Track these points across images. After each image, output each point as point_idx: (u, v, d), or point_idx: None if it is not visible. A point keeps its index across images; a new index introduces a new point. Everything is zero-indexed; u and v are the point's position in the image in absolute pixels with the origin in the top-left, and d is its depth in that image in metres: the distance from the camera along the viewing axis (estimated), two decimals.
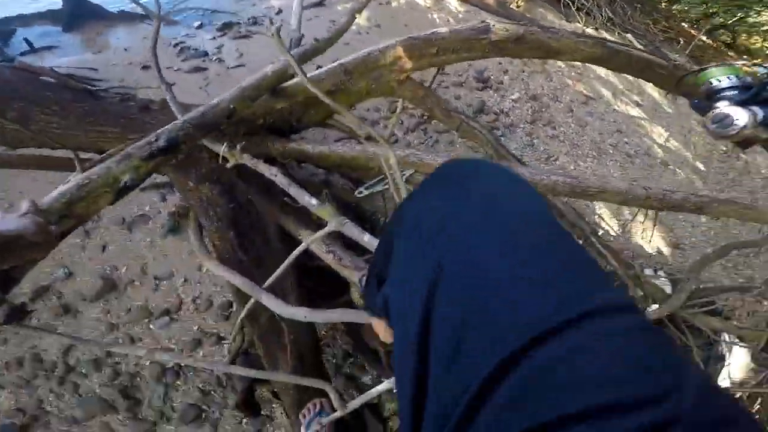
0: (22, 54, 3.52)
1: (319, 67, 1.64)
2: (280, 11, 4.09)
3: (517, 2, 5.50)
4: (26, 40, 3.58)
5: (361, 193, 1.84)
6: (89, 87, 2.95)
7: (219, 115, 1.47)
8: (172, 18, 4.01)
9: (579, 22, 6.10)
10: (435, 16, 4.48)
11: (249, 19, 3.90)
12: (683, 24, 8.55)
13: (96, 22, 3.97)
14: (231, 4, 4.25)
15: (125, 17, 4.02)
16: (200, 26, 3.90)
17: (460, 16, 4.64)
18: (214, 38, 3.70)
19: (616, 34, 6.41)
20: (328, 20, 4.00)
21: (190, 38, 3.71)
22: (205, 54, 3.47)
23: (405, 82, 1.61)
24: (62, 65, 3.12)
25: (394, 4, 4.50)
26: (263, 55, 3.45)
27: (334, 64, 1.57)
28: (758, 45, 7.80)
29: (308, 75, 1.61)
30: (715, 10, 8.26)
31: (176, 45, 3.59)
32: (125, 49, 3.60)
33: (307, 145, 1.72)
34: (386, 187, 1.66)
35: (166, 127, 1.28)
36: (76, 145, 1.60)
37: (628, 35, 6.28)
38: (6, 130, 1.52)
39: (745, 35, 8.21)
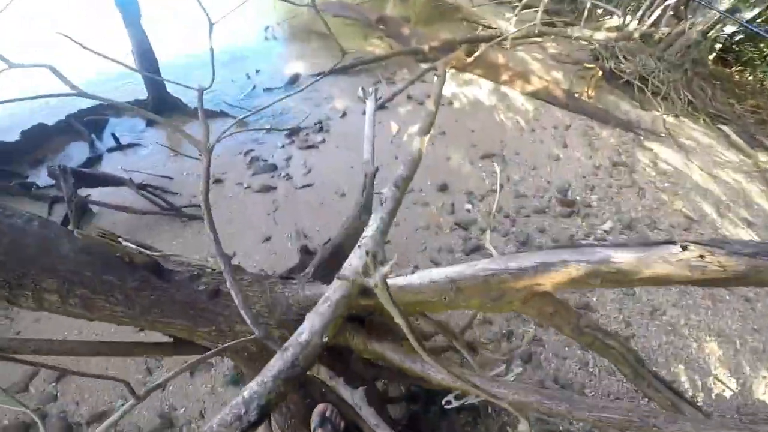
0: (110, 150, 3.66)
1: None
2: (344, 114, 4.09)
3: (587, 93, 5.27)
4: (114, 136, 3.72)
5: (449, 403, 1.54)
6: (164, 208, 2.96)
7: (311, 356, 1.21)
8: (244, 120, 4.12)
9: (657, 110, 5.71)
10: (502, 116, 4.30)
11: (315, 124, 3.92)
12: None
13: (177, 118, 4.12)
14: (297, 104, 4.32)
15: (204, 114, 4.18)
16: (269, 130, 3.95)
17: (530, 114, 4.43)
18: (283, 146, 3.68)
19: (701, 121, 5.94)
20: (393, 123, 3.96)
21: (260, 145, 3.71)
22: (274, 168, 3.42)
23: (532, 299, 1.31)
24: (141, 170, 3.21)
25: (456, 104, 4.38)
26: (330, 170, 3.39)
27: (442, 275, 1.30)
28: None
29: (406, 281, 1.36)
30: None
31: (246, 153, 3.59)
32: (200, 154, 3.66)
33: (393, 353, 1.46)
34: (478, 400, 1.37)
35: (255, 390, 1.05)
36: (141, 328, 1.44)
37: (722, 126, 5.76)
38: (70, 312, 1.40)
39: None
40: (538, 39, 6.65)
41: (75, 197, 2.68)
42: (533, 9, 5.73)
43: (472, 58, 4.67)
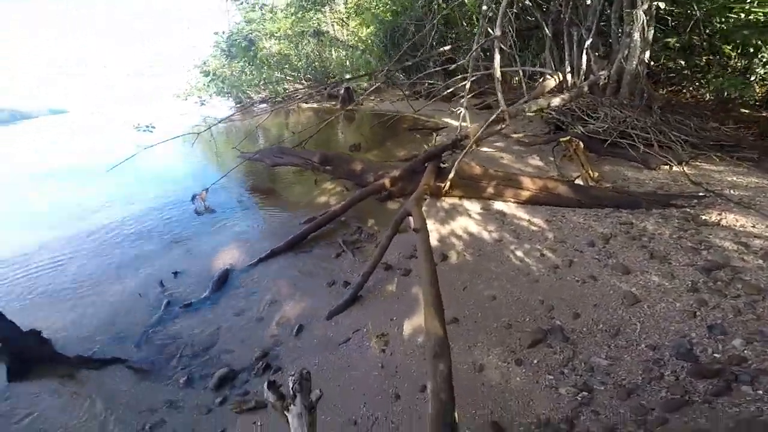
0: None
1: None
2: (300, 329, 2.48)
3: (589, 175, 4.05)
4: None
5: None
6: None
7: None
8: (146, 370, 2.51)
9: (666, 163, 4.34)
10: (519, 254, 2.81)
11: (258, 361, 2.32)
12: None
13: (49, 368, 2.44)
14: (230, 322, 2.77)
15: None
16: (186, 385, 2.35)
17: (549, 236, 3.05)
18: (210, 411, 2.08)
19: (716, 158, 4.50)
20: (375, 323, 2.46)
21: (175, 412, 2.10)
22: None
23: None
24: None
25: (452, 257, 2.89)
26: None
27: None
28: None
29: None
30: None
31: (152, 429, 2.01)
32: None
33: None
34: None
35: None
36: None
37: (738, 157, 4.40)
38: None
39: None
40: (498, 127, 5.73)
41: None
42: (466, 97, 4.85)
43: (447, 184, 3.44)
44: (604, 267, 2.59)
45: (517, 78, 7.83)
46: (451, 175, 3.34)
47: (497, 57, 3.65)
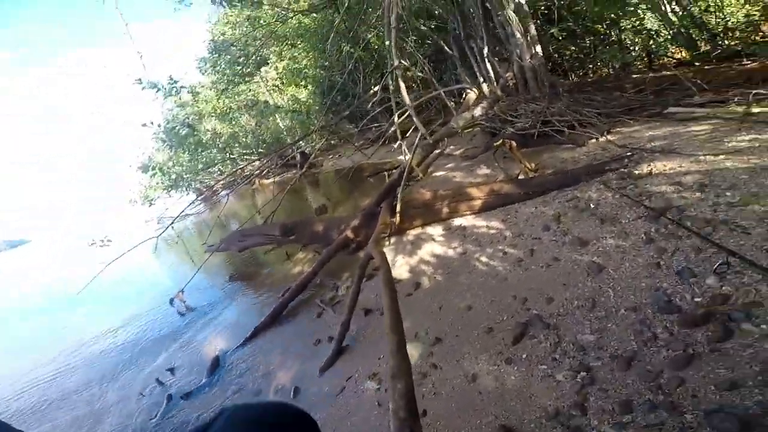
0: None
1: None
2: (297, 391, 2.40)
3: (528, 168, 4.26)
4: None
5: None
6: None
7: None
8: None
9: (591, 137, 4.64)
10: (484, 260, 2.84)
11: None
12: None
13: None
14: (230, 399, 2.70)
15: None
16: None
17: (507, 233, 3.14)
18: None
19: (631, 122, 4.98)
20: (359, 369, 2.38)
21: None
22: None
23: None
24: None
25: (424, 282, 2.92)
26: None
27: None
28: None
29: None
30: None
31: None
32: None
33: None
34: None
35: None
36: None
37: (644, 115, 4.90)
38: None
39: None
40: (437, 151, 5.98)
41: None
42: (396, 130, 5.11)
43: (397, 216, 3.51)
44: (563, 245, 2.65)
45: (453, 101, 8.28)
46: (397, 208, 3.43)
47: (402, 85, 3.92)
